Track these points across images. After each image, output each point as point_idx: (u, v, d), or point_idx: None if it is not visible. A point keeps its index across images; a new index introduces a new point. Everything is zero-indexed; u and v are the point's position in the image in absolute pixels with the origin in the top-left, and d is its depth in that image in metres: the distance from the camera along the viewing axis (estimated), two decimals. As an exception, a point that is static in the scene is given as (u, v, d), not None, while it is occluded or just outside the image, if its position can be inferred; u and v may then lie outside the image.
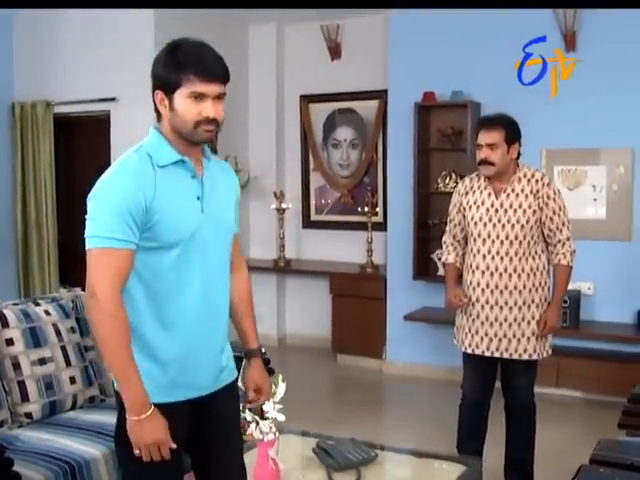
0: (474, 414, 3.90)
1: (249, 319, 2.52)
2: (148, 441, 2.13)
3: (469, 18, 5.76)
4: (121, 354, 2.11)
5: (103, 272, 2.12)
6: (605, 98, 5.39)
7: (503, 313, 3.69)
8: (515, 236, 3.64)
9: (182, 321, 2.23)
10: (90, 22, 6.23)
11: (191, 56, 2.14)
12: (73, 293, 4.05)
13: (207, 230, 2.23)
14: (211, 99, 2.14)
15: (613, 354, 5.40)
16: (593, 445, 4.55)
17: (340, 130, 6.89)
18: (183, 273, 2.21)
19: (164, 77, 2.16)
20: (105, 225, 2.11)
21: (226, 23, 6.69)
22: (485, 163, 3.65)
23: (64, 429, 3.41)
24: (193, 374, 2.27)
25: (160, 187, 2.15)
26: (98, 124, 6.30)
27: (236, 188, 2.43)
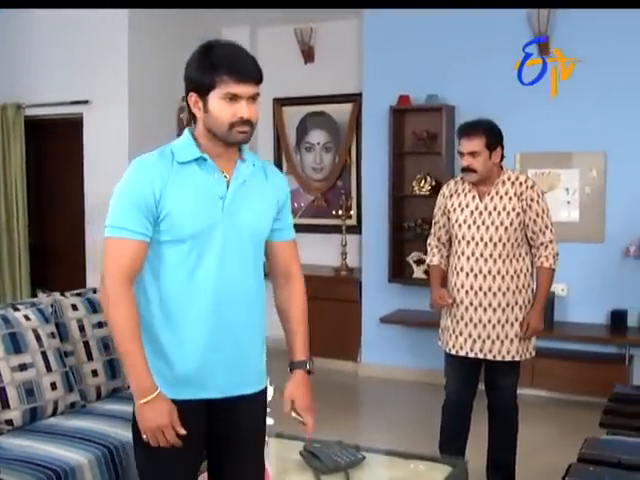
0: (457, 415, 3.94)
1: (296, 330, 2.44)
2: (151, 425, 2.16)
3: (443, 22, 5.84)
4: (126, 339, 2.16)
5: (112, 260, 2.20)
6: (578, 102, 5.48)
7: (487, 315, 3.73)
8: (499, 238, 3.69)
9: (192, 322, 2.24)
10: (62, 22, 6.12)
11: (224, 57, 2.16)
12: (52, 298, 3.98)
13: (227, 231, 2.23)
14: (245, 100, 2.15)
15: (587, 354, 5.49)
16: (569, 444, 4.65)
17: (313, 133, 6.90)
18: (196, 271, 2.23)
19: (198, 79, 2.18)
20: (118, 216, 2.20)
21: (199, 26, 6.63)
22: (468, 170, 3.69)
23: (47, 436, 3.36)
24: (204, 376, 2.27)
25: (173, 181, 2.19)
26: (71, 127, 6.22)
27: (278, 192, 2.37)
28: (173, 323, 2.24)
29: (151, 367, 2.19)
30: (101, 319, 4.03)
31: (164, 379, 2.24)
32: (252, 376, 2.36)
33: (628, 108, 5.38)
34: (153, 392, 2.16)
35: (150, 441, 2.18)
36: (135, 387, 2.19)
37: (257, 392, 2.38)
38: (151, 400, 2.15)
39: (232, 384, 2.30)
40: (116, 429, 3.44)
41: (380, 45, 6.05)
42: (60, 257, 6.59)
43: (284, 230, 2.41)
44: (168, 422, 2.15)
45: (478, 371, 3.90)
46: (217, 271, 2.23)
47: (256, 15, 6.56)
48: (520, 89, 5.57)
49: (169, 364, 2.25)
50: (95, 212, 6.05)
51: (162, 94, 6.30)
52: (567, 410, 5.36)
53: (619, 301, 5.47)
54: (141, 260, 2.21)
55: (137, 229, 2.18)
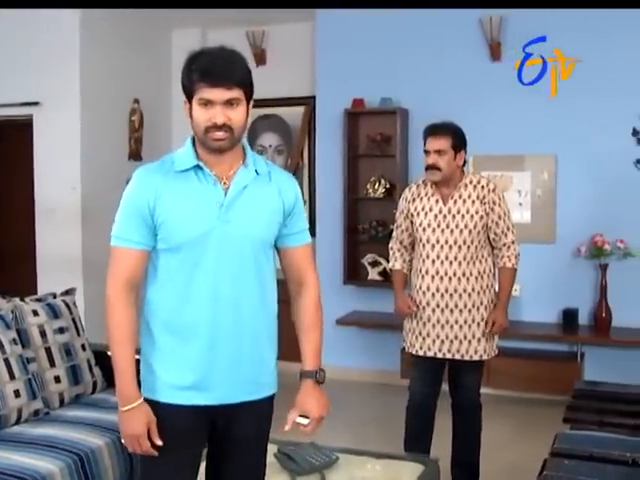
0: (421, 415, 3.99)
1: (307, 340, 2.42)
2: (128, 432, 2.23)
3: (396, 25, 5.93)
4: (115, 345, 2.23)
5: (113, 269, 2.26)
6: (530, 107, 5.61)
7: (454, 316, 3.80)
8: (464, 241, 3.76)
9: (190, 329, 2.25)
10: (10, 21, 5.94)
11: (201, 63, 2.15)
12: (12, 303, 3.89)
13: (223, 238, 2.22)
14: (220, 105, 2.13)
15: (540, 353, 5.63)
16: (527, 441, 4.79)
17: (265, 136, 6.89)
18: (192, 278, 2.24)
19: (183, 86, 2.20)
20: (119, 225, 2.26)
21: (150, 28, 6.60)
22: (432, 168, 3.75)
23: (13, 445, 3.27)
24: (203, 382, 2.27)
25: (169, 190, 2.21)
26: (20, 129, 6.07)
27: (285, 197, 2.33)
28: (171, 329, 2.27)
29: (152, 371, 2.28)
30: (63, 324, 3.97)
31: (160, 382, 2.27)
32: (257, 383, 2.34)
33: (577, 112, 5.53)
34: (135, 401, 2.22)
35: (127, 447, 2.26)
36: (119, 393, 2.24)
37: (262, 398, 2.36)
38: (132, 408, 2.22)
39: (233, 392, 2.29)
40: (84, 436, 3.39)
41: (333, 48, 6.09)
42: (8, 262, 6.43)
43: (294, 235, 2.38)
44: (143, 432, 2.20)
45: (442, 371, 3.96)
46: (213, 279, 2.23)
47: (207, 17, 6.53)
48: (473, 93, 5.69)
49: (168, 369, 2.28)
50: (47, 215, 5.95)
51: (114, 96, 6.22)
52: (523, 408, 5.48)
53: (570, 300, 5.61)
54: (141, 268, 2.27)
55: (136, 238, 2.23)
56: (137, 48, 6.47)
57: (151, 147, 6.64)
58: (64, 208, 5.90)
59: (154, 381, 2.28)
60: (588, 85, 5.50)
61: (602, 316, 5.47)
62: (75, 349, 3.98)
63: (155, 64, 6.73)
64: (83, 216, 5.91)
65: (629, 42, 5.41)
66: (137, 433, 2.20)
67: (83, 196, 5.91)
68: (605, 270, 5.43)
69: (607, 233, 5.42)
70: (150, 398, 2.28)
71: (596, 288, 5.56)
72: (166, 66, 6.86)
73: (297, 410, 2.36)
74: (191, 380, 2.26)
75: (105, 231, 6.94)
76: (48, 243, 5.99)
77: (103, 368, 4.10)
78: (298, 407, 2.37)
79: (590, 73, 5.47)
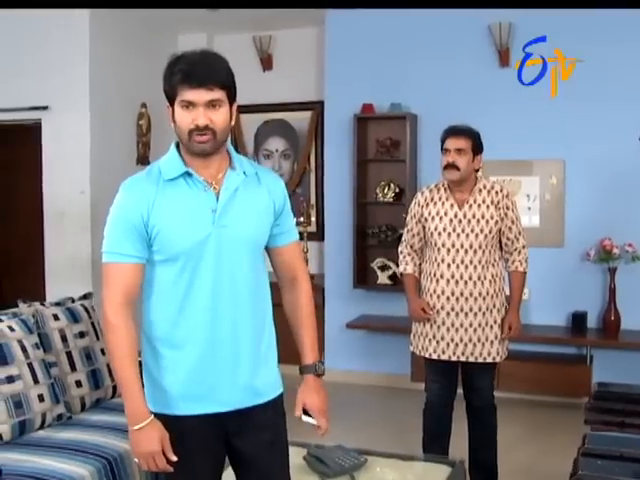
0: (439, 417, 4.03)
1: (304, 334, 2.41)
2: (143, 451, 2.18)
3: (406, 31, 5.97)
4: (121, 365, 2.19)
5: (108, 286, 2.21)
6: (538, 113, 5.65)
7: (468, 319, 3.84)
8: (479, 245, 3.80)
9: (191, 337, 2.24)
10: (19, 25, 5.94)
11: (182, 65, 2.13)
12: (33, 308, 3.89)
13: (220, 244, 2.20)
14: (202, 107, 2.12)
15: (549, 356, 5.66)
16: (538, 443, 4.81)
17: (272, 140, 6.92)
18: (191, 287, 2.22)
19: (165, 90, 2.19)
20: (111, 241, 2.22)
21: (156, 32, 6.61)
22: (451, 167, 3.78)
23: (42, 449, 3.27)
24: (207, 390, 2.26)
25: (161, 200, 2.18)
26: (28, 133, 6.06)
27: (274, 196, 2.32)
28: (172, 341, 2.25)
29: (158, 385, 2.26)
30: (82, 329, 3.97)
31: (167, 395, 2.26)
32: (261, 385, 2.33)
33: (584, 117, 5.58)
34: (146, 419, 2.18)
35: (142, 465, 2.22)
36: (129, 413, 2.20)
37: (270, 400, 2.35)
38: (144, 427, 2.17)
39: (238, 397, 2.29)
40: (111, 440, 3.40)
41: (342, 53, 6.12)
42: (15, 268, 6.41)
43: (285, 233, 2.38)
44: (159, 449, 2.17)
45: (456, 373, 4.00)
46: (212, 285, 2.22)
47: (213, 22, 6.55)
48: (482, 98, 5.72)
49: (174, 381, 2.26)
50: (55, 219, 5.94)
51: (122, 100, 6.23)
52: (532, 410, 5.51)
53: (579, 303, 5.66)
54: (138, 282, 2.23)
55: (130, 252, 2.19)
56: (144, 52, 6.47)
57: (158, 151, 6.63)
58: (73, 212, 5.90)
59: (162, 395, 2.27)
60: (595, 91, 5.55)
61: (611, 319, 5.52)
62: (95, 353, 3.98)
63: (161, 69, 6.67)
64: (92, 220, 5.90)
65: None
66: (154, 450, 2.17)
67: (92, 200, 5.89)
68: (614, 273, 5.48)
69: (615, 237, 5.46)
70: (160, 412, 2.26)
71: (605, 291, 5.61)
72: (172, 71, 6.88)
73: (300, 405, 2.37)
74: (198, 389, 2.25)
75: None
76: (56, 247, 5.98)
77: (120, 373, 4.12)
78: (300, 402, 2.38)
79: (597, 78, 5.53)
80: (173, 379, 2.25)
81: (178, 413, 2.26)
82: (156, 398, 2.28)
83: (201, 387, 2.25)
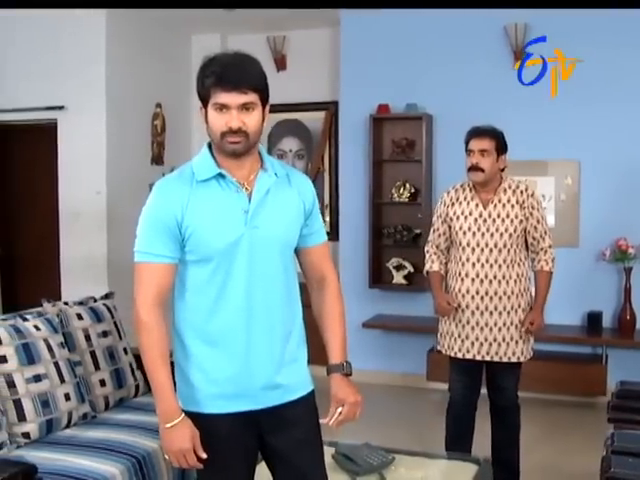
0: (462, 416, 4.04)
1: (331, 334, 2.44)
2: (174, 448, 2.21)
3: (422, 31, 6.00)
4: (152, 364, 2.22)
5: (140, 285, 2.23)
6: (554, 114, 5.67)
7: (493, 318, 3.86)
8: (504, 244, 3.82)
9: (224, 337, 2.26)
10: (36, 25, 5.95)
11: (216, 68, 2.14)
12: (57, 307, 3.91)
13: (253, 244, 2.22)
14: (235, 109, 2.13)
15: (565, 355, 5.68)
16: (554, 442, 4.82)
17: (286, 141, 6.94)
18: (224, 287, 2.24)
19: (198, 92, 2.20)
20: (143, 241, 2.24)
21: (169, 33, 6.62)
22: (475, 169, 3.80)
23: (71, 448, 3.29)
24: (239, 388, 2.28)
25: (194, 201, 2.20)
26: (44, 133, 6.07)
27: (304, 197, 2.35)
28: (205, 340, 2.28)
29: (190, 383, 2.28)
30: (105, 328, 3.99)
31: (201, 394, 2.29)
32: (293, 383, 2.35)
33: (600, 119, 5.60)
34: (177, 417, 2.21)
35: (172, 463, 2.25)
36: (160, 411, 2.23)
37: (301, 397, 2.37)
38: (175, 425, 2.20)
39: (270, 394, 2.31)
40: (139, 439, 3.42)
41: (358, 54, 6.14)
42: (31, 269, 6.40)
43: (314, 234, 2.40)
44: (190, 447, 2.20)
45: (481, 373, 4.02)
46: (245, 285, 2.24)
47: (226, 22, 6.56)
48: (498, 99, 5.74)
49: (207, 380, 2.28)
50: (71, 219, 5.94)
51: (137, 100, 6.25)
52: (548, 409, 5.53)
53: (594, 303, 5.68)
54: (170, 282, 2.26)
55: (162, 252, 2.21)
56: (158, 52, 6.49)
57: (172, 151, 6.66)
58: (89, 212, 5.91)
59: (194, 393, 2.29)
60: (611, 92, 5.58)
61: (626, 318, 5.55)
62: (118, 353, 4.00)
63: (175, 69, 6.76)
64: (108, 221, 5.92)
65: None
66: (185, 448, 2.20)
67: (108, 200, 5.91)
68: (629, 273, 5.50)
69: (630, 237, 5.49)
70: (192, 411, 2.28)
71: (620, 291, 5.63)
72: (186, 71, 6.88)
73: (335, 403, 2.38)
74: (231, 387, 2.27)
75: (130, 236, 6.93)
76: (72, 248, 5.98)
77: (144, 372, 4.13)
78: (334, 400, 2.38)
79: (613, 79, 5.56)
80: (205, 378, 2.28)
81: (210, 412, 2.28)
82: (188, 397, 2.30)
83: (233, 386, 2.27)
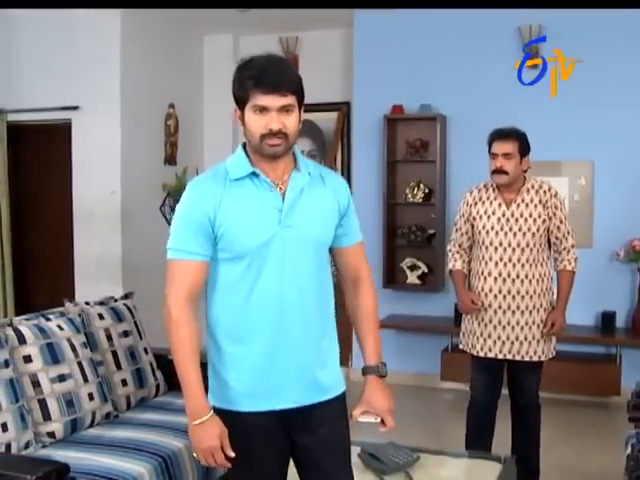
0: (483, 415, 4.06)
1: (366, 335, 2.42)
2: (202, 446, 2.22)
3: (435, 32, 6.02)
4: (182, 361, 2.23)
5: (172, 282, 2.26)
6: (568, 114, 5.70)
7: (515, 317, 3.87)
8: (526, 244, 3.83)
9: (256, 335, 2.27)
10: (48, 22, 5.94)
11: (254, 70, 2.16)
12: (79, 307, 3.93)
13: (285, 244, 2.23)
14: (275, 111, 2.15)
15: (578, 355, 5.69)
16: (569, 441, 4.84)
17: (298, 141, 6.88)
18: (256, 286, 2.25)
19: (235, 94, 2.21)
20: (176, 238, 2.26)
21: (182, 32, 6.64)
22: (500, 172, 3.82)
23: (97, 447, 3.30)
24: (272, 387, 2.29)
25: (228, 200, 2.23)
26: (58, 133, 6.07)
27: (339, 197, 2.35)
28: (237, 338, 2.29)
29: (222, 381, 2.30)
30: (126, 328, 4.01)
31: (232, 392, 2.30)
32: (326, 382, 2.35)
33: (614, 119, 5.61)
34: (206, 414, 2.23)
35: (200, 460, 2.26)
36: (189, 408, 2.24)
37: (333, 398, 2.37)
38: (203, 422, 2.22)
39: (303, 393, 2.31)
40: (163, 438, 3.43)
41: (371, 55, 6.15)
42: (44, 269, 6.41)
43: (350, 234, 2.40)
44: (218, 445, 2.21)
45: (502, 372, 4.04)
46: (277, 284, 2.24)
47: (239, 23, 6.58)
48: (513, 100, 5.75)
49: (238, 378, 2.29)
50: (85, 219, 5.95)
51: (151, 101, 6.26)
52: (562, 409, 5.53)
53: (608, 303, 5.70)
54: (201, 280, 2.28)
55: (195, 250, 2.23)
56: (171, 53, 6.51)
57: (185, 152, 6.68)
58: (103, 212, 5.92)
59: (226, 391, 2.30)
60: (625, 93, 5.60)
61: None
62: (139, 352, 4.02)
63: (188, 69, 6.78)
64: (123, 220, 5.93)
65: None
66: (213, 445, 2.21)
67: (123, 200, 5.92)
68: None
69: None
70: (224, 408, 2.30)
71: (634, 291, 5.65)
72: (198, 71, 6.93)
73: (362, 406, 2.37)
74: (263, 386, 2.28)
75: (144, 236, 7.03)
76: (86, 247, 5.99)
77: (164, 371, 4.15)
78: (364, 403, 2.37)
79: (627, 81, 5.58)
80: (237, 376, 2.29)
81: (241, 409, 2.29)
82: (220, 394, 2.32)
83: (266, 384, 2.28)
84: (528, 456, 4.02)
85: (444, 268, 5.82)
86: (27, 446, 3.24)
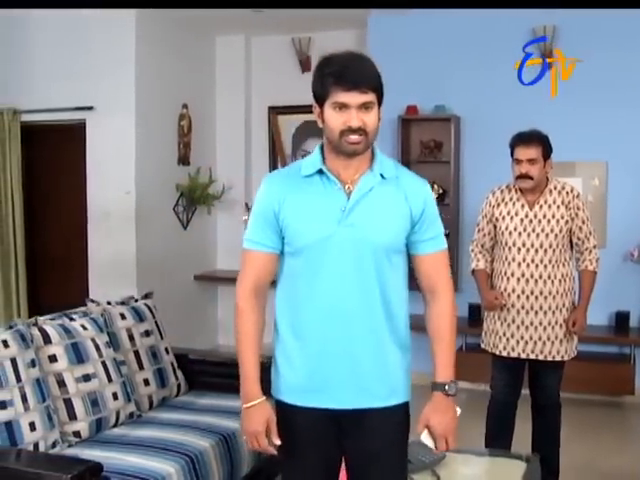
0: (503, 414, 4.08)
1: (437, 349, 2.36)
2: (249, 429, 2.29)
3: (449, 34, 6.02)
4: (242, 346, 2.32)
5: (242, 271, 2.35)
6: (581, 114, 5.72)
7: (538, 317, 3.89)
8: (549, 244, 3.86)
9: (311, 332, 2.29)
10: (63, 23, 5.97)
11: (335, 67, 2.17)
12: (101, 307, 3.94)
13: (346, 243, 2.23)
14: (355, 108, 2.15)
15: (592, 355, 5.69)
16: (585, 440, 4.86)
17: (311, 141, 6.95)
18: (313, 283, 2.27)
19: (315, 90, 2.23)
20: (249, 229, 2.35)
21: (194, 33, 6.65)
22: (525, 177, 3.84)
23: (123, 447, 3.32)
24: (322, 385, 2.29)
25: (294, 195, 2.27)
26: (72, 134, 6.08)
27: (413, 203, 2.28)
28: (294, 331, 2.32)
29: (278, 371, 2.36)
30: (147, 328, 4.02)
31: (287, 384, 2.34)
32: (380, 389, 2.30)
33: (628, 120, 5.64)
34: (255, 399, 2.29)
35: (247, 443, 2.33)
36: (242, 392, 2.32)
37: (388, 406, 2.31)
38: (253, 406, 2.29)
39: (354, 396, 2.29)
40: (190, 438, 3.45)
41: (385, 55, 6.07)
42: (59, 269, 6.41)
43: (425, 242, 2.31)
44: (262, 430, 2.26)
45: (523, 371, 4.05)
46: (334, 283, 2.24)
47: (251, 24, 6.59)
48: (527, 101, 5.75)
49: (291, 370, 2.33)
50: (100, 219, 5.96)
51: (164, 101, 6.28)
52: (576, 408, 5.50)
53: (622, 303, 5.72)
54: (268, 270, 2.33)
55: (262, 241, 2.30)
56: (184, 53, 6.52)
57: (197, 152, 6.69)
58: (117, 212, 5.93)
59: (279, 381, 2.36)
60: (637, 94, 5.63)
61: (654, 318, 5.59)
62: (160, 352, 4.03)
63: (200, 69, 6.79)
64: (137, 220, 5.94)
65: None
66: (257, 430, 2.26)
67: (137, 200, 5.93)
68: (657, 274, 5.55)
69: (657, 238, 5.54)
70: (275, 397, 2.37)
71: (647, 291, 5.68)
72: (210, 72, 6.94)
73: (422, 423, 2.31)
74: (313, 382, 2.29)
75: (158, 236, 7.02)
76: (100, 248, 6.00)
77: (185, 371, 4.17)
78: (423, 420, 2.31)
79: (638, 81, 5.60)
80: (291, 368, 2.32)
81: (288, 402, 2.33)
82: (274, 384, 2.37)
83: (317, 381, 2.29)
84: (548, 455, 4.03)
85: (458, 268, 5.85)
86: (54, 445, 3.25)
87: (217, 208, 6.93)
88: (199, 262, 6.88)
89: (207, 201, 6.65)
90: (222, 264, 7.14)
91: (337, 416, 2.31)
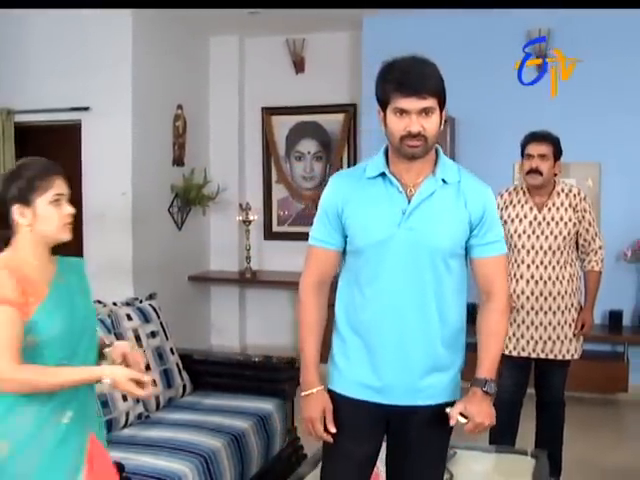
0: (508, 413, 4.09)
1: (482, 350, 2.38)
2: (304, 415, 2.42)
3: (443, 35, 6.05)
4: (303, 337, 2.44)
5: (306, 267, 2.46)
6: (574, 115, 5.78)
7: (547, 317, 3.97)
8: (558, 246, 3.93)
9: (366, 329, 2.37)
10: (58, 22, 5.90)
11: (396, 73, 2.23)
12: (108, 308, 3.96)
13: (405, 245, 2.29)
14: (415, 114, 2.20)
15: (586, 353, 5.65)
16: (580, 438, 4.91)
17: (304, 142, 6.97)
18: (371, 282, 2.35)
19: (377, 95, 2.30)
20: (314, 226, 2.45)
21: (188, 33, 6.64)
22: (534, 172, 3.90)
23: (135, 447, 3.35)
24: (378, 381, 2.37)
25: (357, 195, 2.34)
26: (66, 134, 6.02)
27: (472, 208, 2.32)
28: (351, 327, 2.40)
29: (334, 363, 2.44)
30: (153, 328, 4.03)
31: (342, 375, 2.42)
32: (430, 388, 2.37)
33: (621, 121, 5.72)
34: (313, 388, 2.40)
35: (305, 430, 2.45)
36: (302, 380, 2.44)
37: (435, 405, 2.37)
38: (310, 394, 2.40)
39: (404, 393, 2.37)
40: (201, 438, 3.48)
41: (380, 56, 6.04)
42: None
43: (484, 246, 2.37)
44: (317, 417, 2.38)
45: (530, 371, 4.13)
46: (392, 285, 2.31)
47: (245, 25, 6.60)
48: (521, 102, 5.82)
49: (345, 363, 2.42)
50: (95, 221, 5.93)
51: (160, 102, 6.25)
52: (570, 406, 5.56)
53: (615, 302, 5.79)
54: (330, 268, 2.45)
55: (324, 238, 2.41)
56: (178, 53, 6.50)
57: (192, 153, 6.68)
58: (113, 214, 5.89)
59: (333, 372, 2.45)
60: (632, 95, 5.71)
61: (647, 317, 5.67)
62: (166, 353, 4.05)
63: (194, 70, 6.78)
64: (133, 222, 5.92)
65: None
66: (314, 417, 2.38)
67: (133, 201, 5.91)
68: (650, 273, 5.64)
69: (649, 238, 5.62)
70: (329, 387, 2.44)
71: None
72: (204, 72, 6.93)
73: (459, 406, 2.32)
74: (364, 377, 2.37)
75: (154, 237, 6.96)
76: (96, 249, 5.95)
77: (189, 372, 4.18)
78: (461, 403, 2.32)
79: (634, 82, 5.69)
80: (347, 362, 2.40)
81: (344, 393, 2.40)
82: (331, 374, 2.46)
83: (370, 376, 2.36)
84: (551, 452, 4.08)
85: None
86: (67, 446, 3.25)
87: (211, 209, 6.93)
88: (193, 263, 6.87)
89: (202, 202, 6.64)
90: (215, 265, 7.13)
91: (385, 412, 2.40)
